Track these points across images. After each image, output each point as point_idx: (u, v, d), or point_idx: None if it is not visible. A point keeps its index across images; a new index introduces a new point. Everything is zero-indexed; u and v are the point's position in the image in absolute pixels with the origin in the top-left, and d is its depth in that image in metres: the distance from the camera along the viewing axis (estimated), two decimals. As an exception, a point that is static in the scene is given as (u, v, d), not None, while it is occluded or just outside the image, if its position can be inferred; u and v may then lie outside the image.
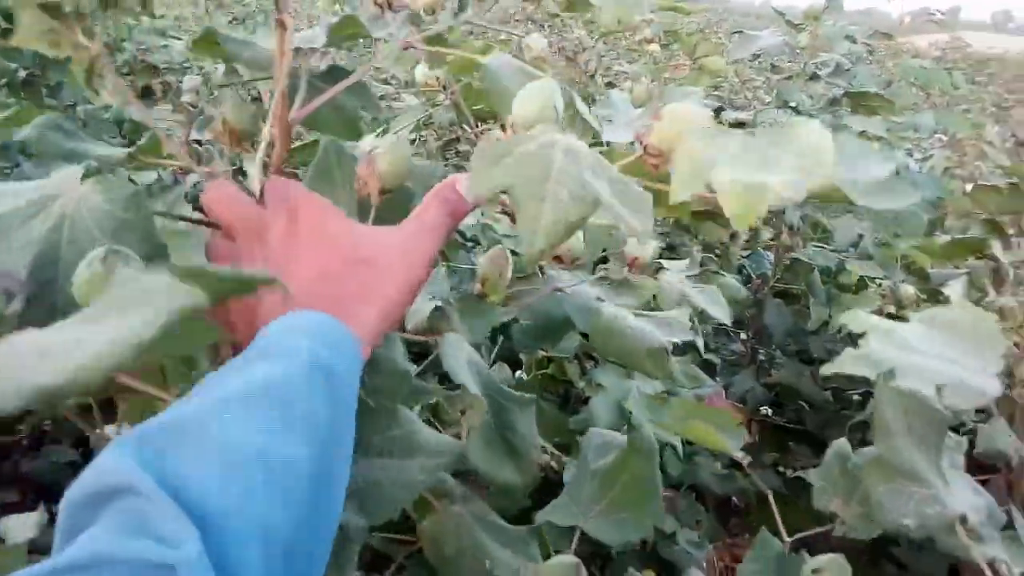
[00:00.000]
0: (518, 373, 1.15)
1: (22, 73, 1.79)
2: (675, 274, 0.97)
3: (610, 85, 2.26)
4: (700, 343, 0.92)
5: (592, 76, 2.48)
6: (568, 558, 0.67)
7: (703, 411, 0.87)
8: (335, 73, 0.66)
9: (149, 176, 0.80)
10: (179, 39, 1.55)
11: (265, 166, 0.56)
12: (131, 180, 0.65)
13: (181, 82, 2.01)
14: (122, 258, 0.44)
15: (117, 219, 0.48)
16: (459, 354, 0.68)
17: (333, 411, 0.41)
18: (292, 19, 0.55)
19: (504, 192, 0.42)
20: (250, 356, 0.41)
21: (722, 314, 0.88)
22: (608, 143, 0.64)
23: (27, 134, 0.64)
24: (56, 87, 1.81)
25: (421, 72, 1.11)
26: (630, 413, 0.97)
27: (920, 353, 0.35)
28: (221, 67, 0.75)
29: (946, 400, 0.34)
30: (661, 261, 0.97)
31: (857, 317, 0.36)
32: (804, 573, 0.64)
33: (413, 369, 0.70)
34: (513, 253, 0.77)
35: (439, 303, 0.74)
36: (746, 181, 0.37)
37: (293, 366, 0.39)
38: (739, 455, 0.79)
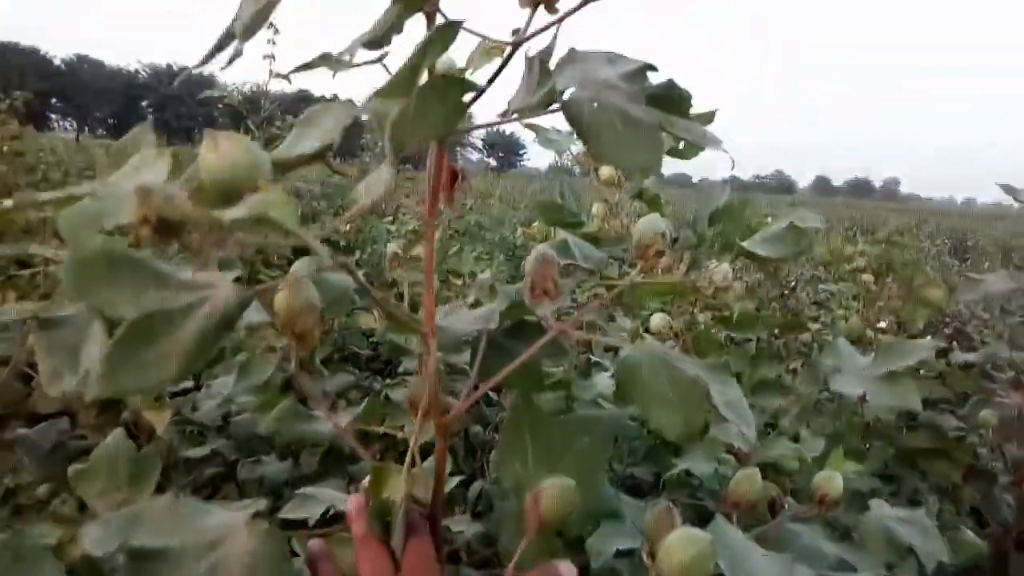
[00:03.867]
0: None
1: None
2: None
3: (816, 304, 2.27)
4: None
5: (793, 289, 2.50)
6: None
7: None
8: (522, 329, 0.64)
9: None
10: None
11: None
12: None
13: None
14: None
15: (253, 565, 0.48)
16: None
17: None
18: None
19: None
20: None
21: (940, 552, 0.79)
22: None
23: (268, 424, 0.70)
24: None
25: (660, 320, 1.19)
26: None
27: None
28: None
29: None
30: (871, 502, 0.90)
31: None
32: None
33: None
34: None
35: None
36: None
37: None
38: None
